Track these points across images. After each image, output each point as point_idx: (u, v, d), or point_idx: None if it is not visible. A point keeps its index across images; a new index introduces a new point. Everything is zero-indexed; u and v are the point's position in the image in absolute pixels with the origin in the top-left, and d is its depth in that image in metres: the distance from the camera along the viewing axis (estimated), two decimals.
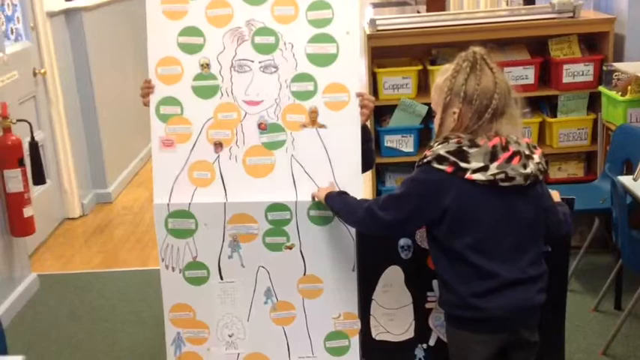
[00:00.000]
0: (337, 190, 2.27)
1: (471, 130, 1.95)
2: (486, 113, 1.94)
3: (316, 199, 2.29)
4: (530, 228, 2.02)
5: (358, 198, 2.23)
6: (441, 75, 2.05)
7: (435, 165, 1.95)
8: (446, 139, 1.97)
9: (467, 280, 1.98)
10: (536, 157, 2.00)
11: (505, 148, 1.94)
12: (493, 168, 1.92)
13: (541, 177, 2.02)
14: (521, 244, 2.00)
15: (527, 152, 1.98)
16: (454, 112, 1.97)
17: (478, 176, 1.92)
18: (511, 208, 1.97)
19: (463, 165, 1.92)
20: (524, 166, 1.96)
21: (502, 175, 1.93)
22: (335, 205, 2.21)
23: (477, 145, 1.93)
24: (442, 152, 1.94)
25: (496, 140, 1.94)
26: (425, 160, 1.98)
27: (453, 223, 1.96)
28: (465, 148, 1.93)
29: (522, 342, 2.06)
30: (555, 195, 2.15)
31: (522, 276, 1.99)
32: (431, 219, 2.00)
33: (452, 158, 1.93)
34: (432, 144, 2.01)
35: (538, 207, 2.03)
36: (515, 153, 1.95)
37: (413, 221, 2.08)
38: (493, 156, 1.93)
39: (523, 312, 2.02)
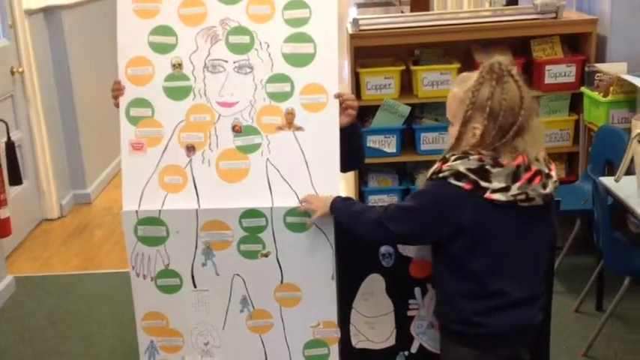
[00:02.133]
0: (340, 197, 2.16)
1: (493, 147, 1.85)
2: (510, 131, 1.83)
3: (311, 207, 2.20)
4: (543, 248, 1.98)
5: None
6: (460, 84, 1.92)
7: (452, 181, 1.85)
8: (465, 155, 1.86)
9: (473, 298, 1.93)
10: (554, 175, 1.92)
11: (528, 168, 1.85)
12: (514, 189, 1.83)
13: (554, 194, 1.95)
14: (534, 265, 1.96)
15: (546, 171, 1.90)
16: (475, 128, 1.86)
17: (498, 196, 1.83)
18: (527, 229, 1.91)
19: (483, 184, 1.83)
20: (544, 186, 1.88)
21: (522, 197, 1.85)
22: (341, 216, 2.13)
23: (500, 165, 1.83)
24: (462, 169, 1.84)
25: (519, 160, 1.84)
26: (441, 175, 1.88)
27: (468, 242, 1.88)
28: (487, 167, 1.83)
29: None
30: None
31: (528, 295, 1.95)
32: (444, 235, 1.91)
33: (472, 176, 1.83)
34: (446, 156, 1.90)
35: (551, 226, 1.99)
36: (537, 173, 1.86)
37: (425, 236, 2.00)
38: (515, 176, 1.84)
39: (523, 331, 1.98)
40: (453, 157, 1.88)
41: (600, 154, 3.49)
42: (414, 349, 2.34)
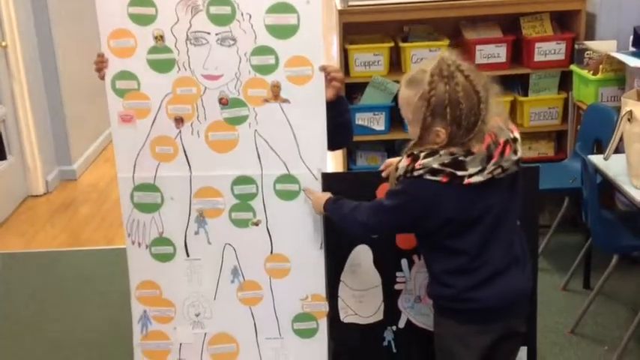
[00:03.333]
0: (331, 197, 2.18)
1: (461, 143, 1.84)
2: (475, 127, 1.82)
3: (310, 199, 2.26)
4: (517, 209, 1.99)
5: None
6: (409, 87, 1.88)
7: (429, 177, 1.85)
8: (435, 151, 1.85)
9: (462, 274, 1.93)
10: (517, 136, 1.92)
11: (496, 142, 1.86)
12: (490, 167, 1.85)
13: None
14: (513, 228, 1.98)
15: (512, 136, 1.89)
16: (438, 131, 1.84)
17: (476, 179, 1.84)
18: (506, 196, 1.92)
19: (460, 173, 1.83)
20: (515, 152, 1.89)
21: (499, 170, 1.86)
22: (333, 217, 2.17)
23: (472, 153, 1.84)
24: (436, 165, 1.83)
25: (488, 140, 1.84)
26: (416, 174, 1.86)
27: (453, 228, 1.90)
28: (461, 158, 1.83)
29: (512, 333, 2.03)
30: None
31: (513, 259, 1.96)
32: (430, 227, 1.92)
33: (448, 169, 1.83)
34: (414, 152, 1.87)
35: (520, 185, 2.00)
36: (506, 143, 1.87)
37: (410, 229, 2.06)
38: (488, 156, 1.85)
39: (514, 301, 1.98)
40: (422, 154, 1.86)
41: (589, 132, 3.48)
42: (401, 324, 2.35)
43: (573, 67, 3.71)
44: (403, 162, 1.90)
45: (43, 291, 3.62)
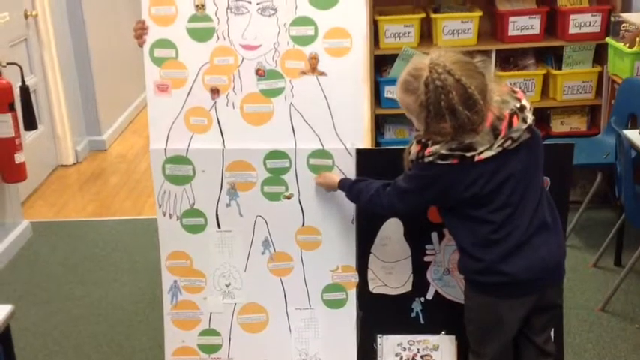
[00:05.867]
0: (345, 179, 2.22)
1: (468, 130, 1.86)
2: (478, 118, 1.84)
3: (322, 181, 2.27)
4: (540, 174, 1.98)
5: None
6: (407, 93, 1.90)
7: (439, 162, 1.89)
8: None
9: (489, 244, 1.93)
10: (526, 103, 1.92)
11: (500, 117, 1.87)
12: (499, 141, 1.86)
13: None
14: (537, 194, 1.96)
15: (517, 105, 1.90)
16: (442, 127, 1.86)
17: (487, 154, 1.86)
18: (524, 164, 1.92)
19: (469, 154, 1.86)
20: (524, 121, 1.89)
21: (509, 142, 1.87)
22: (349, 196, 2.20)
23: (477, 134, 1.86)
24: (444, 151, 1.87)
25: (490, 117, 1.86)
26: (426, 160, 1.90)
27: (477, 200, 1.91)
28: (467, 141, 1.86)
29: (546, 305, 2.04)
30: None
31: (538, 224, 1.95)
32: (451, 203, 1.96)
33: (456, 153, 1.87)
34: (422, 140, 1.91)
35: (541, 148, 1.99)
36: (512, 115, 1.88)
37: (433, 204, 2.11)
38: (495, 131, 1.86)
39: (545, 269, 1.97)
40: (430, 142, 1.90)
41: (624, 106, 3.43)
42: (429, 296, 2.36)
43: (609, 40, 3.63)
44: (414, 148, 1.95)
45: (73, 260, 3.66)
